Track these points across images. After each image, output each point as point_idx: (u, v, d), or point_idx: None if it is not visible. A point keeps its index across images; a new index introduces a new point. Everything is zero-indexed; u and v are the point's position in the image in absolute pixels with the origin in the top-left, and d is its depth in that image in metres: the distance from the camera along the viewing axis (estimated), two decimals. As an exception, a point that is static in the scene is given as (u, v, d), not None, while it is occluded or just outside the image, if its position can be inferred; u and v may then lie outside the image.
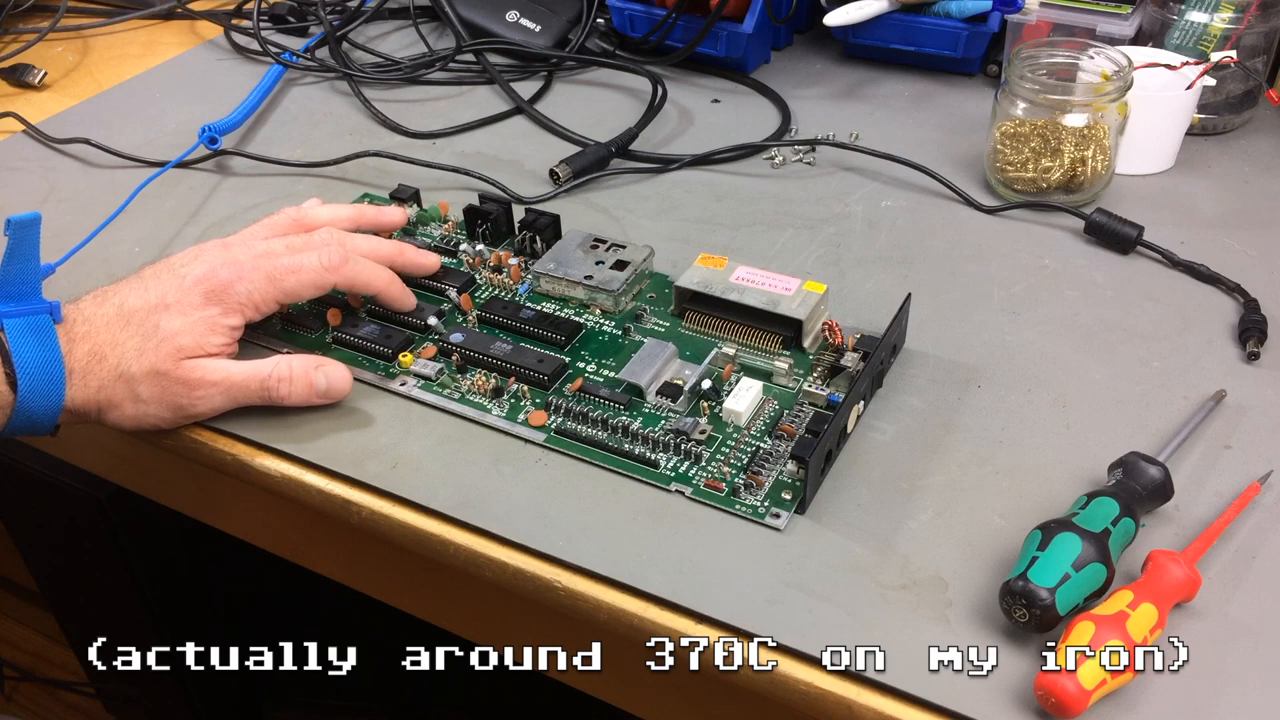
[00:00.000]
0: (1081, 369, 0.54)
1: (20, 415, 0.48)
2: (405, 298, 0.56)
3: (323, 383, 0.52)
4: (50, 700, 1.22)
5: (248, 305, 0.52)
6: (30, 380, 0.47)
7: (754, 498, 0.47)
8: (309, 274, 0.53)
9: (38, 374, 0.48)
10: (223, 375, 0.51)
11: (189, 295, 0.50)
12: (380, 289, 0.55)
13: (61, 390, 0.48)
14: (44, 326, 0.49)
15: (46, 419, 0.49)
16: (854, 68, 0.84)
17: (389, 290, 0.56)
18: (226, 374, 0.51)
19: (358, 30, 0.90)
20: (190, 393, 0.50)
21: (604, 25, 0.87)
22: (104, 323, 0.50)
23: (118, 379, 0.49)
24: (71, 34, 0.95)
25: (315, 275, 0.53)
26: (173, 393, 0.50)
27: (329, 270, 0.53)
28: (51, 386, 0.48)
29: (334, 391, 0.52)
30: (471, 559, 0.47)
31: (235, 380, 0.51)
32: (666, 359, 0.54)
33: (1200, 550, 0.43)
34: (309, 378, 0.51)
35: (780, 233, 0.65)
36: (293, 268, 0.52)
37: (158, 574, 0.81)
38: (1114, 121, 0.65)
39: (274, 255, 0.53)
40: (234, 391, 0.51)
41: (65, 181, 0.73)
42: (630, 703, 0.53)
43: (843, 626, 0.42)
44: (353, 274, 0.54)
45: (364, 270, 0.54)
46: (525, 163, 0.73)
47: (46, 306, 0.50)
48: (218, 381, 0.50)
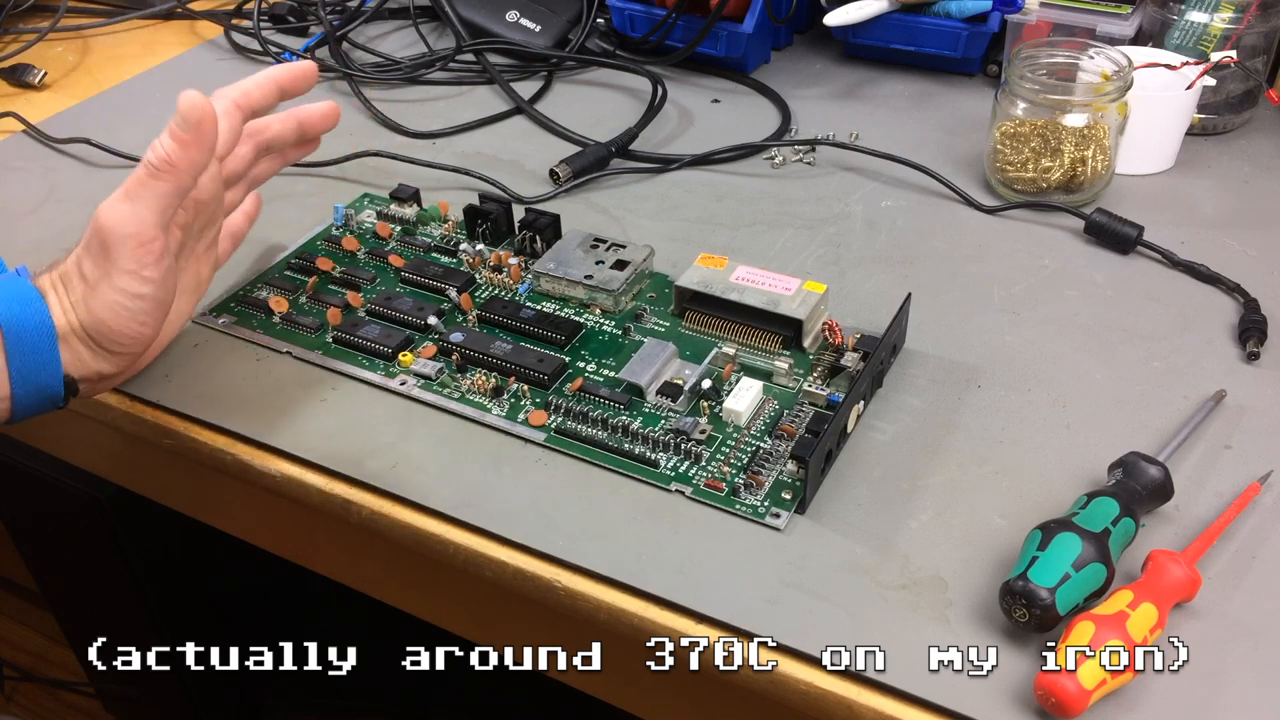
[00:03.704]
0: (1081, 369, 0.54)
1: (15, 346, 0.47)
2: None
3: (175, 123, 0.48)
4: (50, 700, 1.22)
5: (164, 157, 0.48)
6: (10, 310, 0.48)
7: (754, 498, 0.47)
8: (161, 149, 0.48)
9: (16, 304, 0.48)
10: (118, 192, 0.48)
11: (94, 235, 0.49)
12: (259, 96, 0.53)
13: (45, 310, 0.48)
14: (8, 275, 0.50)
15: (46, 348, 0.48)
16: (854, 68, 0.84)
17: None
18: (121, 188, 0.48)
19: (358, 30, 0.90)
20: (99, 224, 0.48)
21: (604, 25, 0.87)
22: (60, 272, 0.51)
23: (71, 276, 0.50)
24: (71, 34, 0.95)
25: (168, 145, 0.48)
26: (98, 243, 0.48)
27: (179, 127, 0.48)
28: (33, 309, 0.48)
29: (191, 114, 0.48)
30: (471, 559, 0.47)
31: (129, 185, 0.48)
32: (666, 359, 0.54)
33: (1200, 550, 0.43)
34: (169, 130, 0.48)
35: (780, 233, 0.65)
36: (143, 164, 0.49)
37: (158, 574, 0.81)
38: (1114, 121, 0.65)
39: None
40: (131, 191, 0.48)
41: (65, 181, 0.73)
42: (630, 703, 0.53)
43: (843, 626, 0.42)
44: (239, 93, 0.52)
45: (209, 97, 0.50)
46: (525, 163, 0.73)
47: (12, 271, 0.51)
48: (115, 196, 0.48)
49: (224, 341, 0.58)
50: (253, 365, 0.56)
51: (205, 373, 0.56)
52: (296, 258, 0.63)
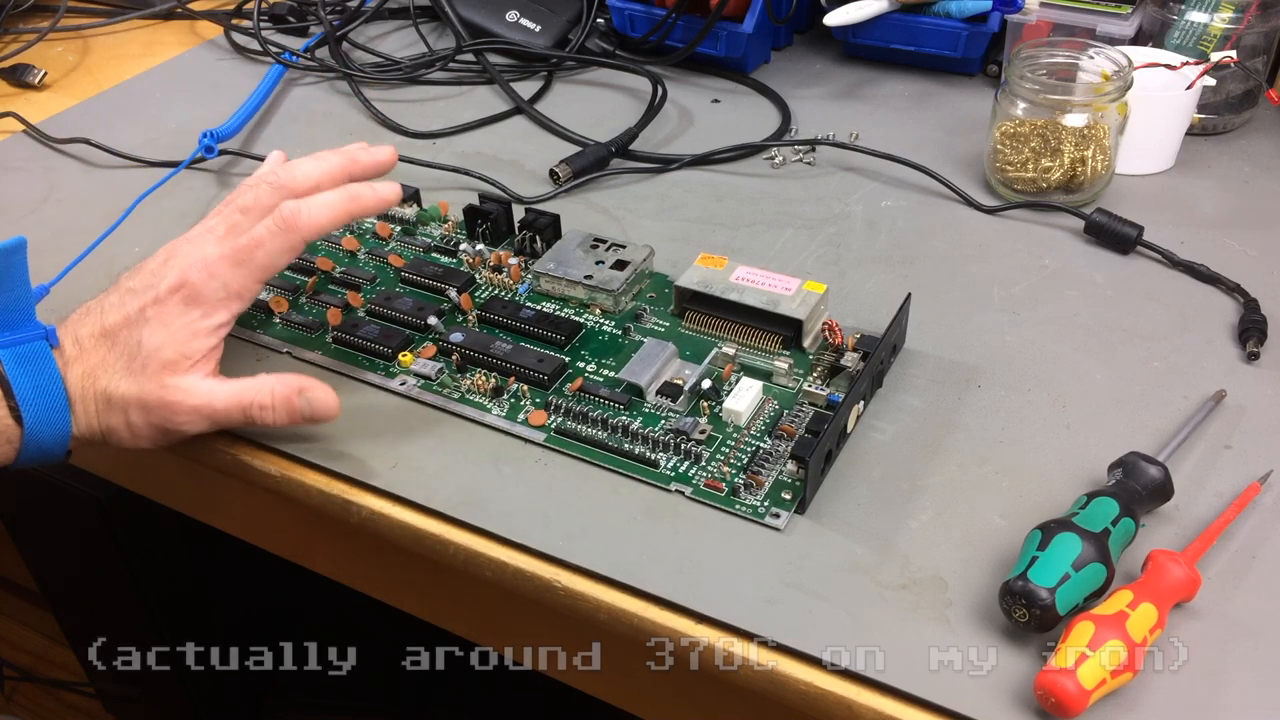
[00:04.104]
0: (1081, 369, 0.54)
1: (30, 446, 0.48)
2: (375, 199, 0.52)
3: (306, 408, 0.50)
4: (50, 700, 1.22)
5: (230, 298, 0.50)
6: (34, 412, 0.47)
7: (754, 498, 0.47)
8: (271, 241, 0.49)
9: (41, 404, 0.47)
10: (204, 400, 0.49)
11: (166, 304, 0.49)
12: (344, 213, 0.51)
13: (67, 418, 0.48)
14: (41, 354, 0.48)
15: (57, 447, 0.49)
16: (854, 68, 0.84)
17: (354, 207, 0.51)
18: (209, 400, 0.49)
19: (358, 30, 0.90)
20: (174, 417, 0.49)
21: (604, 25, 0.87)
22: (91, 343, 0.49)
23: (110, 405, 0.49)
24: (71, 34, 0.95)
25: (277, 239, 0.49)
26: (159, 417, 0.49)
27: (288, 229, 0.49)
28: (56, 415, 0.48)
29: (318, 415, 0.50)
30: (471, 559, 0.47)
31: (217, 407, 0.49)
32: (666, 359, 0.54)
33: (1200, 550, 0.43)
34: (291, 404, 0.50)
35: (780, 233, 0.66)
36: (254, 242, 0.49)
37: (158, 574, 0.81)
38: (1114, 121, 0.65)
39: (234, 234, 0.50)
40: (216, 417, 0.50)
41: (65, 182, 0.73)
42: (630, 703, 0.53)
43: (843, 626, 0.42)
44: (312, 220, 0.50)
45: (320, 210, 0.50)
46: (525, 163, 0.73)
47: (41, 332, 0.48)
48: (199, 407, 0.49)
49: (224, 342, 0.58)
50: (253, 365, 0.56)
51: (205, 373, 0.56)
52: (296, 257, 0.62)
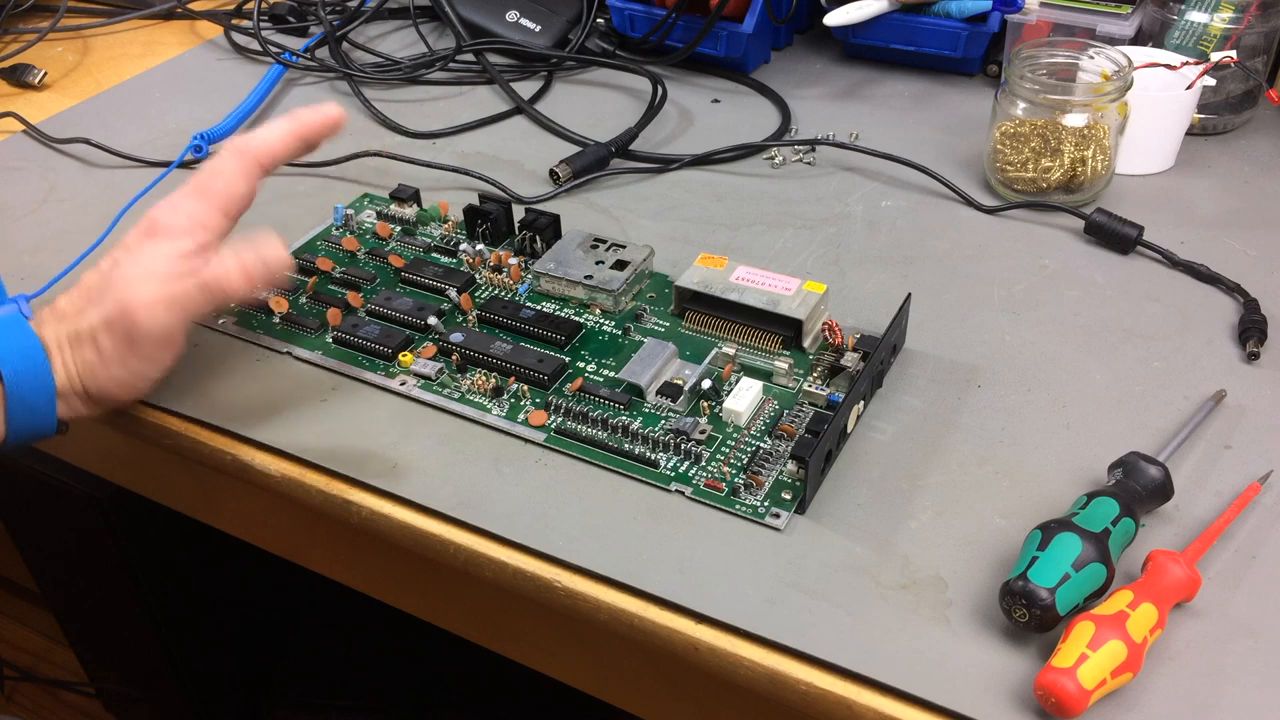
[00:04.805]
0: (1081, 369, 0.54)
1: (16, 405, 0.48)
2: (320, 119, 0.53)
3: (254, 259, 0.49)
4: (50, 700, 1.22)
5: (194, 226, 0.50)
6: (12, 363, 0.47)
7: (754, 498, 0.47)
8: (225, 166, 0.50)
9: (17, 355, 0.48)
10: (157, 288, 0.48)
11: (135, 247, 0.49)
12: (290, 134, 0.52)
13: (47, 368, 0.48)
14: (13, 316, 0.49)
15: (44, 404, 0.49)
16: (854, 68, 0.84)
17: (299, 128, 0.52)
18: (163, 287, 0.48)
19: (358, 30, 0.90)
20: (133, 316, 0.48)
21: (604, 25, 0.87)
22: (68, 303, 0.50)
23: (80, 340, 0.49)
24: (71, 34, 0.95)
25: (230, 162, 0.50)
26: (122, 328, 0.48)
27: (240, 153, 0.50)
28: (35, 366, 0.48)
29: (268, 260, 0.50)
30: (471, 559, 0.47)
31: (174, 291, 0.48)
32: (666, 359, 0.54)
33: (1200, 550, 0.43)
34: (240, 258, 0.49)
35: (780, 233, 0.66)
36: (210, 172, 0.50)
37: (158, 574, 0.81)
38: (1114, 121, 0.65)
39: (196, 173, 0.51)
40: (175, 301, 0.49)
41: (65, 181, 0.73)
42: (630, 702, 0.53)
43: (842, 626, 0.42)
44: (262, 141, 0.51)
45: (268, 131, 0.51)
46: (525, 163, 0.73)
47: (12, 301, 0.50)
48: (156, 298, 0.48)
49: (224, 342, 0.58)
50: (253, 365, 0.56)
51: (205, 373, 0.56)
52: (296, 258, 0.63)
